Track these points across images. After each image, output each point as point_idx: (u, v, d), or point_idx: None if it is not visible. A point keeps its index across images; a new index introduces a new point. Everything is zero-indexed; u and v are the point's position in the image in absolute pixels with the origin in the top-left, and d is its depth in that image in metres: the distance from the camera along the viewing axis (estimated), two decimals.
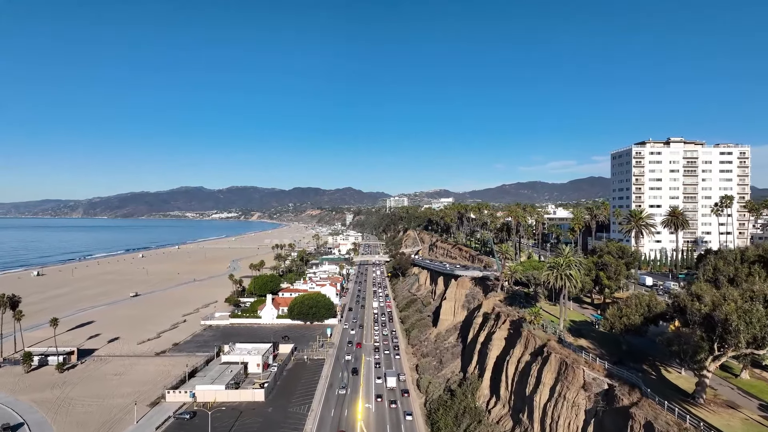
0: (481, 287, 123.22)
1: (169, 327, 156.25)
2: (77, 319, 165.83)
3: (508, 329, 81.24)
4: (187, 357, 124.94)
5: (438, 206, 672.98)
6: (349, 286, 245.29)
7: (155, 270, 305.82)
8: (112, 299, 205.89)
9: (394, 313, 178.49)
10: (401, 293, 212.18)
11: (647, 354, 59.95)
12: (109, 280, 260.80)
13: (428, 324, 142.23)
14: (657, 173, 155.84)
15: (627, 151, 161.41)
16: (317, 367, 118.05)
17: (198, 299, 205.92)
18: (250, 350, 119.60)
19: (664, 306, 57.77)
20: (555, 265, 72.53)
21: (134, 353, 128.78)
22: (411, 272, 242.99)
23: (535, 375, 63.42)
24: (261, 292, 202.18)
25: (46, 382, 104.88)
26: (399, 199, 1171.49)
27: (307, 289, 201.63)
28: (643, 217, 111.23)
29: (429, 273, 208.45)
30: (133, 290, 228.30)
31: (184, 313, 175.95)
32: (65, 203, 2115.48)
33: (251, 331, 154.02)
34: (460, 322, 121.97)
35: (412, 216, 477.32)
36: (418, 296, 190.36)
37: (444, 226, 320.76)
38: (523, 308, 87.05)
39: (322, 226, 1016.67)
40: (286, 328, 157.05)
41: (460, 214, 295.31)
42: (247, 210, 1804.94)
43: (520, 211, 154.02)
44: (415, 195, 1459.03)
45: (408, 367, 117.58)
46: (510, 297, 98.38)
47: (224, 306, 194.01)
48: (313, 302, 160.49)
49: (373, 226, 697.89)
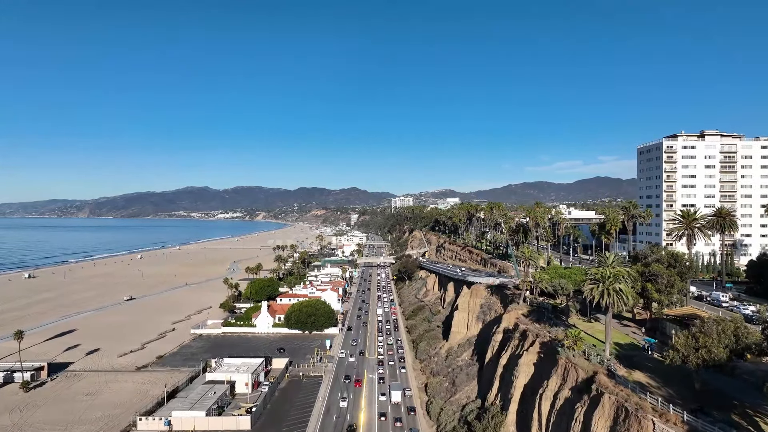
0: (498, 297, 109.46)
1: (155, 336, 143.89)
2: (58, 328, 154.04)
3: (537, 353, 67.55)
4: (170, 373, 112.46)
5: (444, 206, 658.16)
6: (352, 290, 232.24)
7: (151, 272, 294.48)
8: (100, 304, 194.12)
9: (399, 320, 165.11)
10: (407, 299, 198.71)
11: (732, 397, 46.13)
12: (101, 283, 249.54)
13: (438, 336, 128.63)
14: (691, 169, 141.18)
15: (657, 146, 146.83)
16: (314, 386, 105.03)
17: (191, 305, 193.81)
18: (240, 366, 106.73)
19: (759, 337, 43.95)
20: (600, 277, 58.67)
21: (113, 368, 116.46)
22: (418, 276, 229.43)
23: (581, 420, 49.78)
24: (258, 298, 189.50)
25: (6, 405, 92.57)
26: (404, 199, 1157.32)
27: (306, 294, 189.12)
28: (698, 218, 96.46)
29: (437, 277, 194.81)
30: (125, 294, 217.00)
31: (174, 321, 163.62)
32: (72, 203, 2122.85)
33: (244, 341, 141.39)
34: (474, 336, 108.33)
35: (418, 216, 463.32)
36: (426, 303, 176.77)
37: (452, 226, 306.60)
38: (554, 326, 73.34)
39: (327, 226, 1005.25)
40: (283, 339, 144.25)
41: (469, 214, 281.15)
42: (252, 210, 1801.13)
43: (539, 212, 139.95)
44: (421, 195, 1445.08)
45: (416, 386, 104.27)
46: (536, 311, 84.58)
47: (219, 312, 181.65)
48: (311, 310, 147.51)
49: (378, 227, 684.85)
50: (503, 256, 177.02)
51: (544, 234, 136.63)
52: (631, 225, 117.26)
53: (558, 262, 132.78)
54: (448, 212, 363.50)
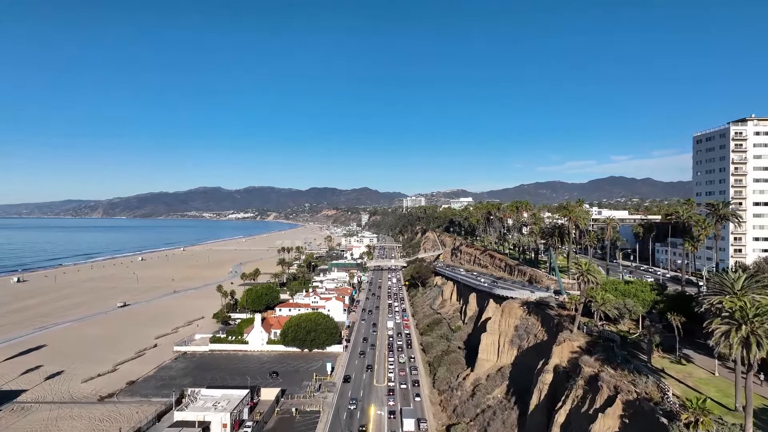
0: (537, 317, 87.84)
1: (132, 355, 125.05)
2: (26, 343, 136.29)
3: (620, 418, 46.12)
4: (137, 405, 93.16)
5: (458, 206, 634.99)
6: (361, 296, 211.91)
7: (147, 276, 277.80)
8: (83, 313, 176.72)
9: (413, 335, 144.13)
10: (421, 309, 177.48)
11: None
12: (92, 287, 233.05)
13: (459, 360, 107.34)
14: (765, 160, 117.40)
15: (721, 132, 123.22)
16: (309, 426, 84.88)
17: (182, 314, 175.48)
18: (219, 400, 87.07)
19: None
20: (741, 317, 36.84)
21: (72, 397, 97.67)
22: (433, 282, 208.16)
23: None
24: (254, 307, 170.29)
25: None
26: (416, 199, 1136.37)
27: (309, 304, 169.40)
28: None
29: (456, 285, 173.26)
30: (115, 300, 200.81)
31: (158, 335, 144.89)
32: (86, 203, 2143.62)
33: (233, 361, 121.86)
34: (508, 366, 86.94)
35: (431, 216, 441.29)
36: (443, 315, 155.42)
37: (468, 227, 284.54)
38: (634, 370, 51.85)
39: (338, 226, 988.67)
40: (278, 358, 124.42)
41: (488, 214, 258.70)
42: (263, 210, 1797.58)
43: (581, 212, 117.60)
44: (432, 195, 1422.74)
45: (434, 428, 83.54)
46: (600, 344, 62.86)
47: (210, 324, 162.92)
48: (311, 325, 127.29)
49: (389, 227, 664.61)
50: (531, 263, 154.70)
51: (588, 239, 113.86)
52: (719, 229, 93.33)
53: (603, 272, 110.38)
54: (463, 212, 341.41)
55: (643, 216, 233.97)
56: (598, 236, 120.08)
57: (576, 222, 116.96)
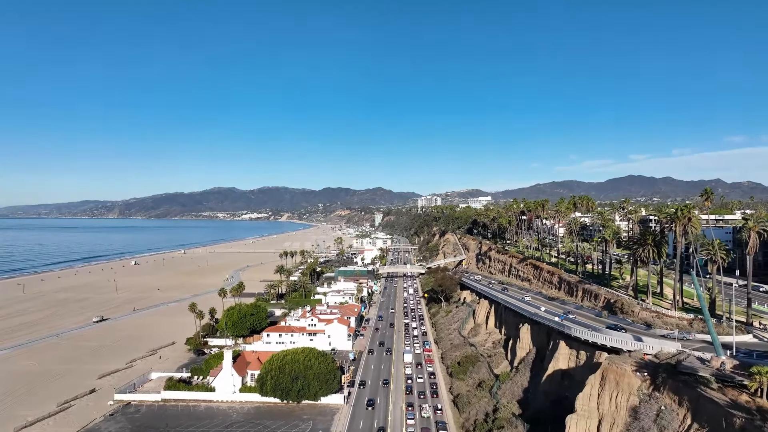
0: (673, 396, 49.94)
1: (54, 408, 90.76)
2: None
3: None
4: None
5: (478, 205, 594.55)
6: (371, 312, 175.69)
7: (131, 284, 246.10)
8: (29, 338, 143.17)
9: (439, 376, 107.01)
10: (447, 334, 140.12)
11: None
12: (60, 300, 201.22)
13: None
14: None
15: None
16: None
17: (152, 336, 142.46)
18: None
19: None
20: None
21: None
22: (458, 297, 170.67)
23: None
24: (236, 332, 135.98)
25: None
26: (431, 199, 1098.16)
27: (305, 327, 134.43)
28: None
29: (493, 305, 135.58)
30: (85, 315, 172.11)
31: (104, 372, 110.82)
32: (103, 204, 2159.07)
33: (192, 418, 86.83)
34: None
35: (450, 217, 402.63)
36: (477, 347, 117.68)
37: (497, 230, 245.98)
38: None
39: (351, 227, 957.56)
40: (253, 414, 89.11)
41: (521, 214, 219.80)
42: (277, 210, 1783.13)
43: (693, 214, 77.99)
44: (447, 195, 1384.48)
45: None
46: None
47: (182, 352, 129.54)
48: (299, 369, 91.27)
49: (403, 228, 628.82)
50: (597, 278, 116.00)
51: (712, 249, 74.21)
52: None
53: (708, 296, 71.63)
54: (489, 212, 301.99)
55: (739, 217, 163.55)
56: (726, 248, 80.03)
57: (684, 225, 78.63)
